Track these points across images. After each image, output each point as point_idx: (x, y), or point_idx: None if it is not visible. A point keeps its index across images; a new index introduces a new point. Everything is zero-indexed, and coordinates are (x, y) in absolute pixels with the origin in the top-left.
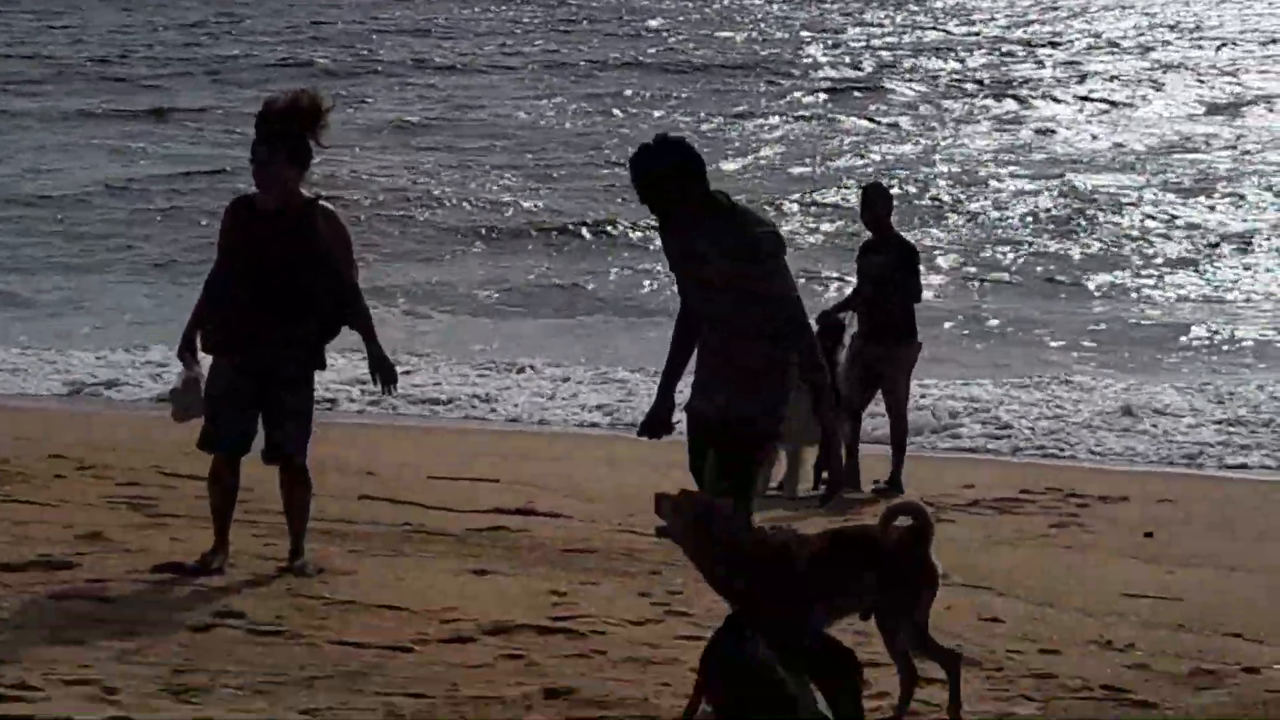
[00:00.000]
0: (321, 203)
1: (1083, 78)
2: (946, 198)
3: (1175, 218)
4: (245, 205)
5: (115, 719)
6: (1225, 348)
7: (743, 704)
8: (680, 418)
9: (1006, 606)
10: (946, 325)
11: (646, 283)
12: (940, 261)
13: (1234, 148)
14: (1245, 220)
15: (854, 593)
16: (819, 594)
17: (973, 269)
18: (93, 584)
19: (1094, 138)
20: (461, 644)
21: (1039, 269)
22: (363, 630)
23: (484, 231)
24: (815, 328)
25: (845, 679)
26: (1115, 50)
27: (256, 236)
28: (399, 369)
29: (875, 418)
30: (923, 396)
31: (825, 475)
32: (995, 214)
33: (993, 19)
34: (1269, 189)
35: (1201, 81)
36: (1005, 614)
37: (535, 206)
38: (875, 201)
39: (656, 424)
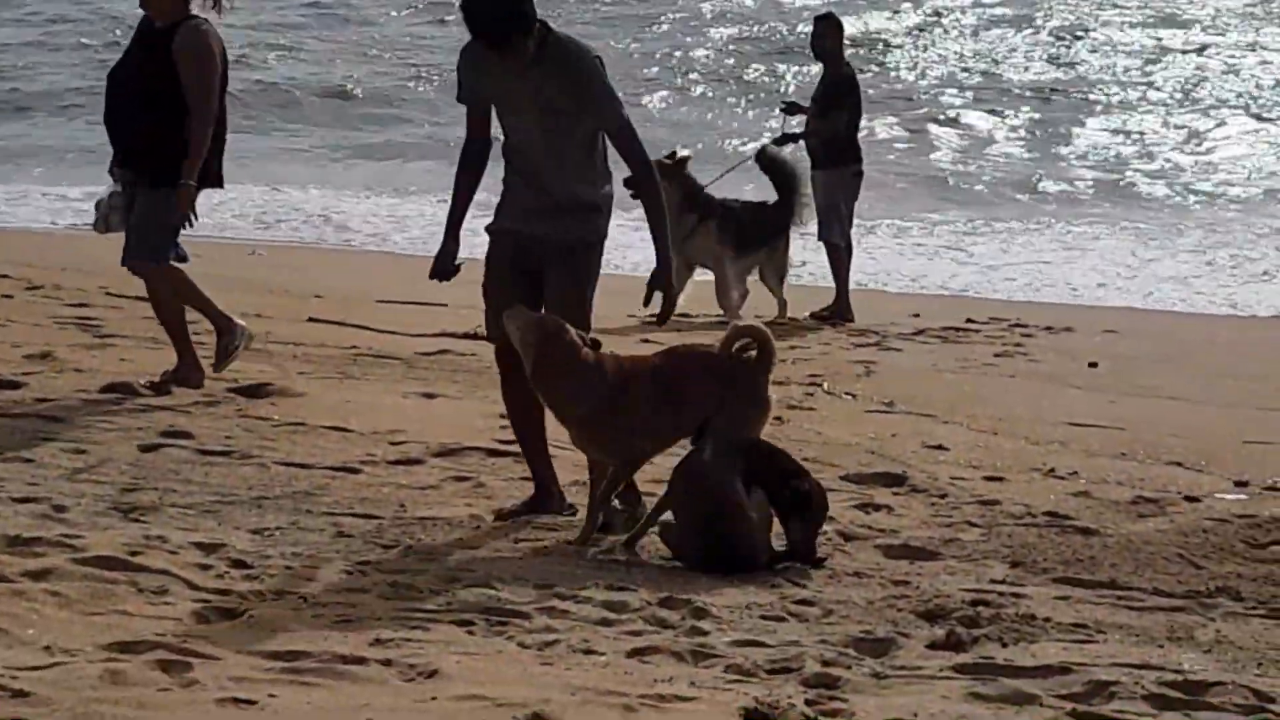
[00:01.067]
0: (191, 20)
1: None
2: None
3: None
4: (145, 21)
5: (65, 537)
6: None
7: (702, 520)
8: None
9: (951, 433)
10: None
11: None
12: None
13: None
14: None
15: (690, 412)
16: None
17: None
18: (41, 403)
19: None
20: (409, 466)
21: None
22: (311, 451)
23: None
24: None
25: (809, 516)
26: None
27: (134, 50)
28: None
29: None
30: None
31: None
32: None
33: None
34: None
35: None
36: (950, 441)
37: None
38: (823, 33)
39: (448, 266)
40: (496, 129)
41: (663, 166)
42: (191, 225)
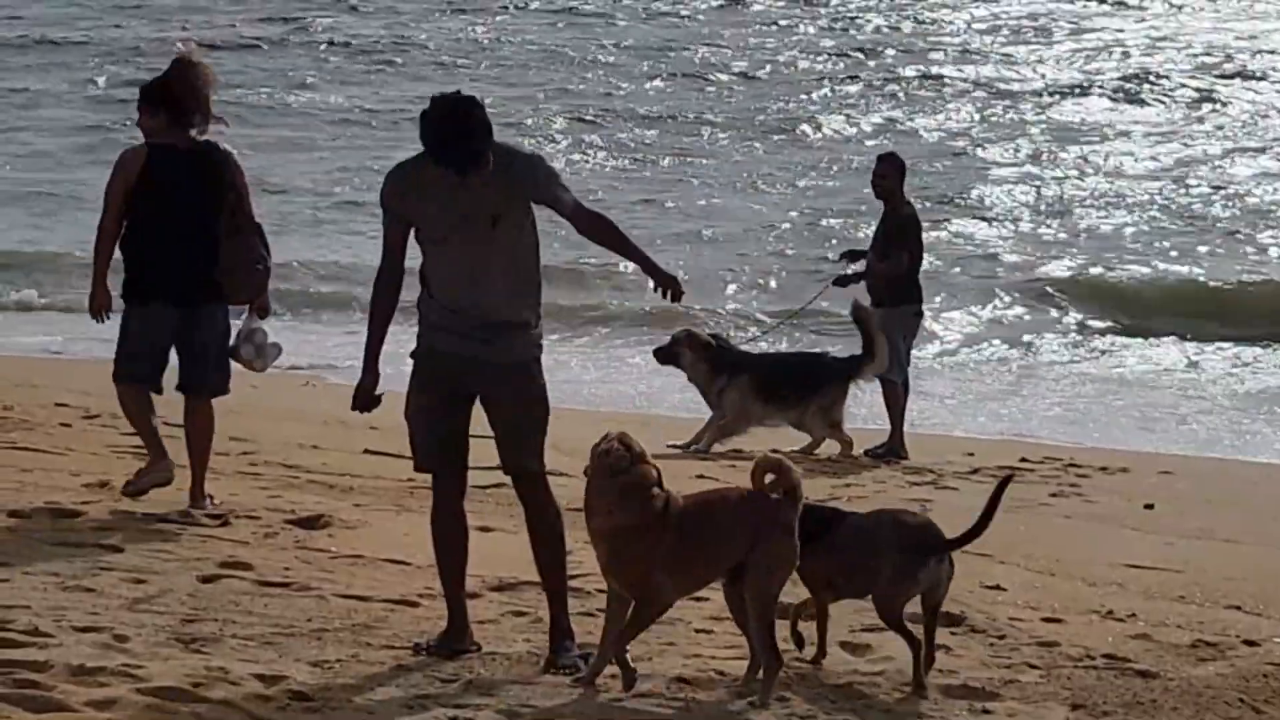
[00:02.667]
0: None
1: None
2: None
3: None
4: None
5: (127, 667)
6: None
7: None
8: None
9: (1008, 574)
10: None
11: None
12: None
13: None
14: None
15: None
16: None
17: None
18: (100, 531)
19: None
20: (468, 600)
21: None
22: (369, 584)
23: None
24: None
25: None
26: None
27: None
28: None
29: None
30: None
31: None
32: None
33: None
34: None
35: None
36: (1007, 581)
37: None
38: (884, 172)
39: (368, 397)
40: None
41: (693, 338)
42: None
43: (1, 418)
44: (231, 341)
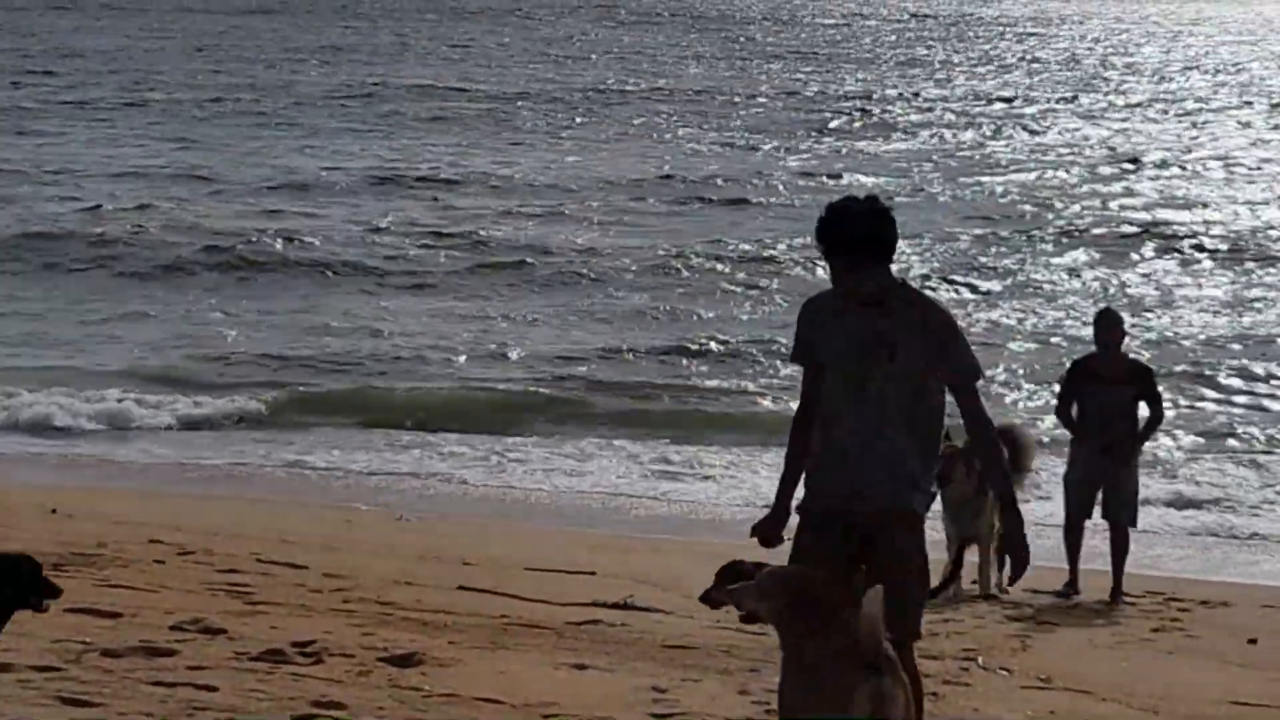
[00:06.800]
0: None
1: None
2: None
3: None
4: None
5: None
6: None
7: None
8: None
9: (1109, 712)
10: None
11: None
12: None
13: None
14: None
15: None
16: None
17: None
18: (194, 670)
19: None
20: None
21: None
22: None
23: None
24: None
25: None
26: None
27: None
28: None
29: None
30: None
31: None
32: None
33: None
34: None
35: None
36: (1109, 719)
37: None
38: (1107, 327)
39: (775, 529)
40: None
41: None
42: None
43: (96, 555)
44: None
